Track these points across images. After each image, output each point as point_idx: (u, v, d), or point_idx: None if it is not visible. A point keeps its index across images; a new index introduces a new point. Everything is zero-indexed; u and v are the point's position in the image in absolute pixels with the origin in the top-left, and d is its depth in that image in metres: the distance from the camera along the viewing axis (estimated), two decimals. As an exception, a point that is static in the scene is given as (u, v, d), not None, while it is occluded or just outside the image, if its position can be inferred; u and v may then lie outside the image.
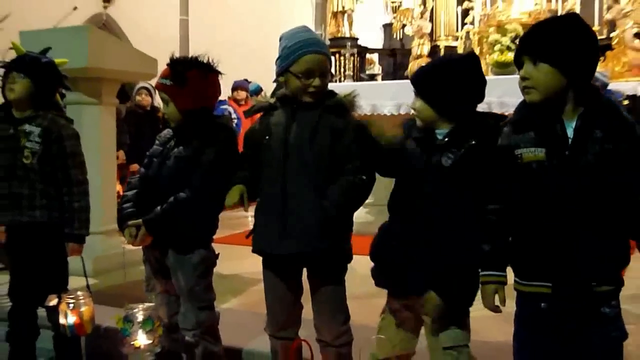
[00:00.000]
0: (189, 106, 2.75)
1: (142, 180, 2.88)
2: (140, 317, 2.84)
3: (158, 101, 4.65)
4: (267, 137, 2.59)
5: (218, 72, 2.81)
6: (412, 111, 2.43)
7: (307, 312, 2.73)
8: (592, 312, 2.09)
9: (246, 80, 9.24)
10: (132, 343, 2.86)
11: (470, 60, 2.44)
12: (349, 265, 2.67)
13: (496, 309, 2.21)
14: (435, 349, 2.41)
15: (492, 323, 2.85)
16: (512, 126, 2.21)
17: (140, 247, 2.88)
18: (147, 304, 2.89)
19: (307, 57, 2.51)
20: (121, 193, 2.98)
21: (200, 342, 2.84)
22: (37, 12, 5.77)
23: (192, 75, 2.72)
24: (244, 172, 2.67)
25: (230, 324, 3.30)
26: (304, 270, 2.68)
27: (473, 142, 2.30)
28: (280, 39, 2.62)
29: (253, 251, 2.67)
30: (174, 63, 2.76)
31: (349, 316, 2.66)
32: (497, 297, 2.20)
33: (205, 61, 2.77)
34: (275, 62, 2.62)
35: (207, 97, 2.81)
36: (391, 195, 2.47)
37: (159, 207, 2.68)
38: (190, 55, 2.81)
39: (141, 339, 2.85)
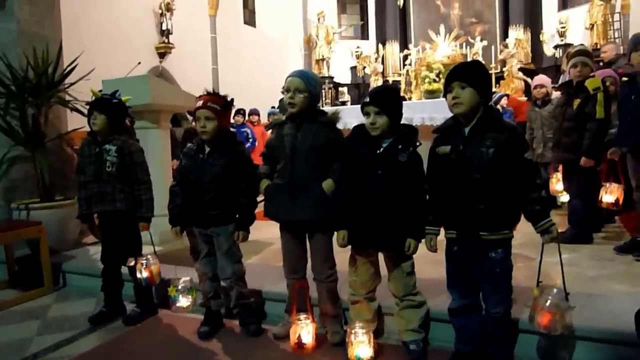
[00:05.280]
0: (227, 125, 2.75)
1: (181, 185, 2.81)
2: (182, 288, 2.87)
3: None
4: (280, 143, 2.58)
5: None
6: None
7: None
8: (482, 255, 2.17)
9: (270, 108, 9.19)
10: (178, 305, 2.88)
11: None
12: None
13: (432, 250, 2.32)
14: (399, 276, 2.46)
15: (428, 266, 2.88)
16: (436, 133, 2.30)
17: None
18: (186, 278, 2.93)
19: (287, 79, 2.56)
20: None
21: (235, 286, 2.84)
22: (112, 66, 5.71)
23: (229, 108, 2.77)
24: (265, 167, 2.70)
25: (254, 273, 3.30)
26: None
27: (418, 144, 2.35)
28: None
29: (265, 215, 2.67)
30: (217, 95, 2.75)
31: (335, 263, 2.66)
32: (432, 243, 2.32)
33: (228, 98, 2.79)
34: None
35: (229, 123, 2.80)
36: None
37: (243, 216, 2.74)
38: (218, 93, 2.80)
39: (183, 302, 2.89)
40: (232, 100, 2.80)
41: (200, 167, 2.73)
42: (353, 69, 14.04)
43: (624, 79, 3.45)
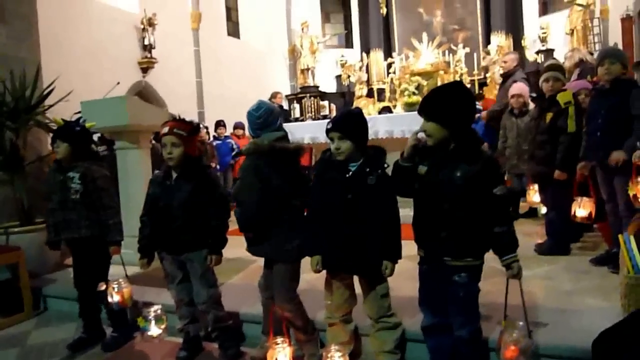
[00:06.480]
0: (194, 152, 2.77)
1: (150, 215, 2.82)
2: (152, 317, 2.84)
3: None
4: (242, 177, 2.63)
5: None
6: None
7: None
8: (447, 278, 2.18)
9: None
10: (148, 334, 2.86)
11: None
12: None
13: None
14: (373, 299, 2.47)
15: (407, 282, 2.87)
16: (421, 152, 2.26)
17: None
18: (156, 307, 2.89)
19: None
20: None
21: (211, 310, 2.83)
22: (95, 84, 5.71)
23: (195, 133, 2.80)
24: None
25: (233, 294, 3.31)
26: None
27: (385, 165, 2.37)
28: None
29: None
30: (182, 121, 2.77)
31: (293, 295, 2.64)
32: None
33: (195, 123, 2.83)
34: None
35: (197, 148, 2.85)
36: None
37: (214, 239, 2.74)
38: (184, 118, 2.83)
39: (154, 331, 2.85)
40: (199, 125, 2.83)
41: (169, 193, 2.74)
42: (338, 77, 14.09)
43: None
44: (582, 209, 3.52)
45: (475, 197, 2.07)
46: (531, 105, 5.26)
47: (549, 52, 11.50)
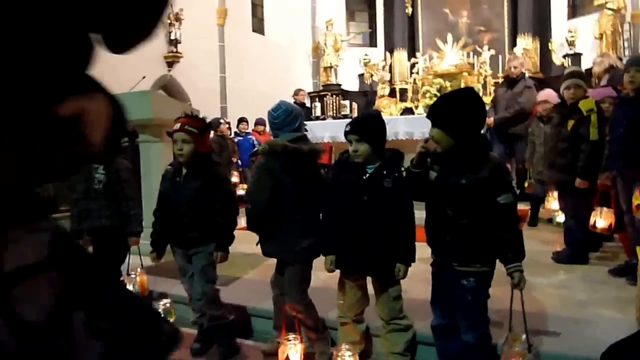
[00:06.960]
0: (204, 150, 2.78)
1: (162, 210, 2.85)
2: (161, 310, 2.91)
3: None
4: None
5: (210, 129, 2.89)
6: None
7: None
8: (456, 281, 2.17)
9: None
10: None
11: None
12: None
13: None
14: (385, 300, 2.49)
15: (420, 284, 2.89)
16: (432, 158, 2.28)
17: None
18: (166, 300, 2.97)
19: None
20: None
21: (207, 310, 2.85)
22: (118, 79, 5.80)
23: (207, 131, 2.83)
24: None
25: (247, 287, 3.35)
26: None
27: (402, 169, 2.38)
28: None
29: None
30: (195, 118, 2.78)
31: (303, 296, 2.65)
32: None
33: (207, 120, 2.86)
34: None
35: (208, 145, 2.87)
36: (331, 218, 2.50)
37: (221, 237, 2.75)
38: (197, 115, 2.85)
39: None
40: (210, 123, 2.85)
41: (178, 189, 2.76)
42: (361, 76, 14.04)
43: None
44: (602, 219, 3.47)
45: (479, 205, 2.07)
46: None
47: (576, 56, 11.29)
